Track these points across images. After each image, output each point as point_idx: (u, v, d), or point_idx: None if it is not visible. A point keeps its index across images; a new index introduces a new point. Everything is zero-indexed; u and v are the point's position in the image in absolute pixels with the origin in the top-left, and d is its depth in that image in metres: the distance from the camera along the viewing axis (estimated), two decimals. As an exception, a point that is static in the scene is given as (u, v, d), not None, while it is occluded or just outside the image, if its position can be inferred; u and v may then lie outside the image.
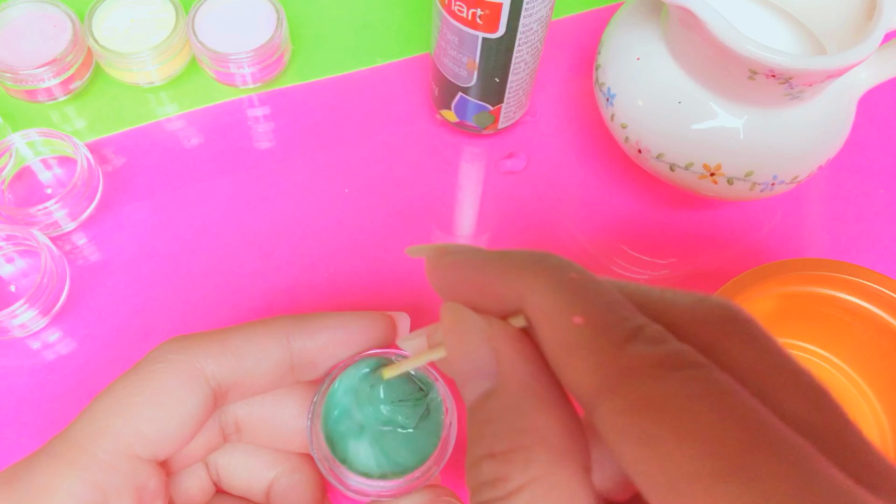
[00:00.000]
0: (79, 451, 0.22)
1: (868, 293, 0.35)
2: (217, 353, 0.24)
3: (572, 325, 0.16)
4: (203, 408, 0.23)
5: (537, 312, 0.17)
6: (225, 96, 0.45)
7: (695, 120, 0.35)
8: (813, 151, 0.36)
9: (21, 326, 0.37)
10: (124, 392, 0.23)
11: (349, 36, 0.48)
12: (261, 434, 0.26)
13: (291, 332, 0.25)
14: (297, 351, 0.25)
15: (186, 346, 0.24)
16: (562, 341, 0.16)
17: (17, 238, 0.38)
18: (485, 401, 0.17)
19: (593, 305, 0.16)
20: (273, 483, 0.27)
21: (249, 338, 0.24)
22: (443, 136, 0.44)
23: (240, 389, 0.24)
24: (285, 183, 0.42)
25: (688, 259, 0.42)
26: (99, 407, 0.23)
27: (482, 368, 0.18)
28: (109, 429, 0.22)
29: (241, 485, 0.27)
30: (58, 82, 0.42)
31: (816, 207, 0.44)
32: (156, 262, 0.40)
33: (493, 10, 0.34)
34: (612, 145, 0.43)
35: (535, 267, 0.18)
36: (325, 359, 0.25)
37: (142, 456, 0.23)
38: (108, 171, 0.42)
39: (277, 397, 0.26)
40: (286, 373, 0.25)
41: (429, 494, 0.24)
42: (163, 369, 0.23)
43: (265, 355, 0.24)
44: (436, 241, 0.41)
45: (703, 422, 0.14)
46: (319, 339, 0.25)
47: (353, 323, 0.25)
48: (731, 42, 0.31)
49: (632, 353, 0.15)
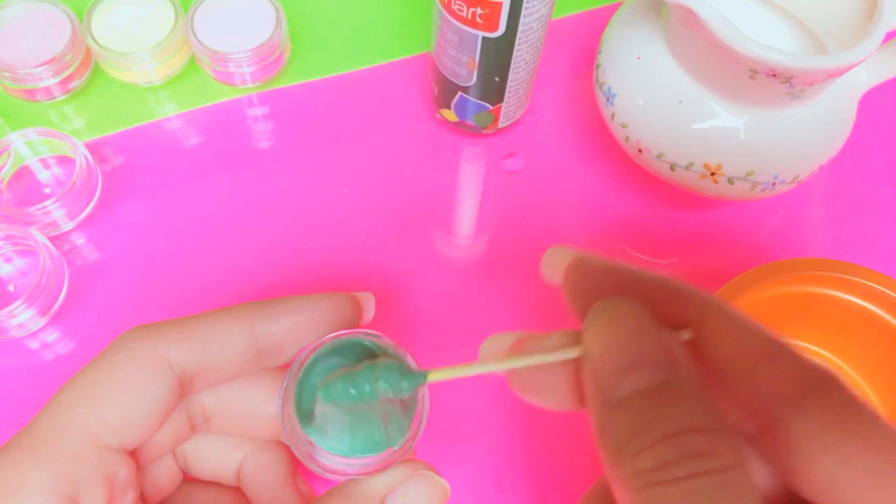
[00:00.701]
0: (45, 444, 0.22)
1: (868, 293, 0.35)
2: (180, 339, 0.23)
3: (763, 338, 0.18)
4: (169, 395, 0.23)
5: (723, 325, 0.18)
6: (224, 95, 0.45)
7: (695, 119, 0.35)
8: (813, 151, 0.36)
9: (19, 326, 0.37)
10: (87, 382, 0.22)
11: (349, 35, 0.47)
12: (230, 422, 0.26)
13: (255, 316, 0.24)
14: (262, 335, 0.24)
15: (149, 333, 0.23)
16: (754, 351, 0.18)
17: (15, 237, 0.38)
18: (662, 388, 0.17)
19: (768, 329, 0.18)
20: (242, 463, 0.27)
21: (213, 324, 0.24)
22: (442, 135, 0.44)
23: (206, 377, 0.24)
24: (285, 182, 0.42)
25: (688, 259, 0.42)
26: (63, 399, 0.22)
27: (655, 358, 0.18)
28: (75, 420, 0.22)
29: (211, 469, 0.27)
30: (56, 81, 0.42)
31: (817, 207, 0.44)
32: (154, 262, 0.40)
33: (493, 9, 0.34)
34: (612, 145, 0.42)
35: (705, 294, 0.19)
36: (291, 342, 0.25)
37: (110, 445, 0.22)
38: (106, 171, 0.42)
39: (245, 385, 0.26)
40: (252, 358, 0.24)
41: (407, 469, 0.24)
42: (126, 358, 0.23)
43: (230, 341, 0.24)
44: (435, 242, 0.41)
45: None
46: (284, 323, 0.25)
47: (317, 305, 0.25)
48: (731, 41, 0.31)
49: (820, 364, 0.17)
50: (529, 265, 0.41)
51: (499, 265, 0.41)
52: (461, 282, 0.40)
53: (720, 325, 0.18)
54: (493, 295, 0.40)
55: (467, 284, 0.40)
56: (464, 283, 0.40)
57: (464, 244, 0.42)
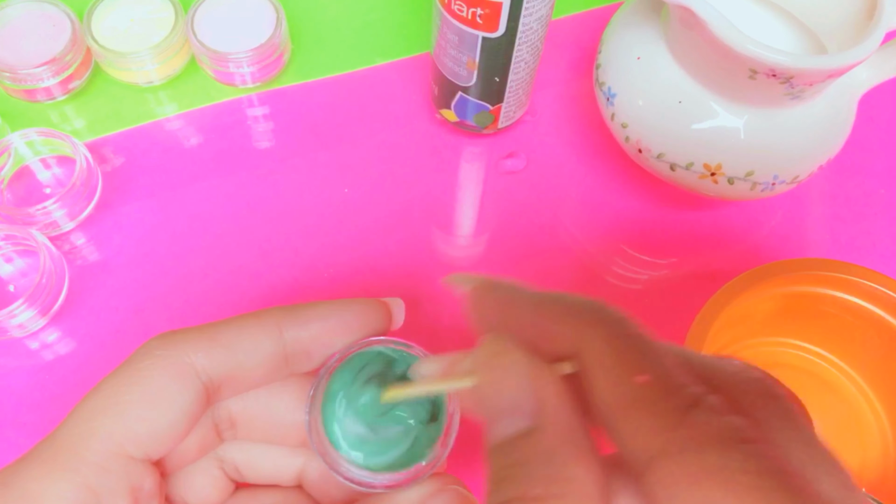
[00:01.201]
0: (68, 454, 0.21)
1: (868, 293, 0.35)
2: (207, 347, 0.23)
3: (634, 383, 0.16)
4: (195, 404, 0.23)
5: (596, 363, 0.17)
6: (224, 96, 0.45)
7: (695, 119, 0.35)
8: (813, 151, 0.36)
9: (20, 326, 0.37)
10: (113, 391, 0.22)
11: (349, 35, 0.47)
12: (257, 429, 0.25)
13: (283, 322, 0.24)
14: (290, 342, 0.24)
15: (175, 341, 0.23)
16: (621, 397, 0.16)
17: (15, 238, 0.38)
18: (522, 440, 0.17)
19: (655, 366, 0.17)
20: (304, 468, 0.26)
21: (240, 330, 0.24)
22: (443, 135, 0.44)
23: (233, 384, 0.24)
24: (285, 182, 0.42)
25: (688, 259, 0.42)
26: (87, 407, 0.22)
27: (523, 406, 0.18)
28: (99, 429, 0.21)
29: (269, 476, 0.26)
30: (57, 82, 0.42)
31: (817, 207, 0.44)
32: (155, 262, 0.40)
33: (493, 10, 0.34)
34: (612, 145, 0.43)
35: (594, 316, 0.18)
36: (319, 348, 0.24)
37: (134, 456, 0.22)
38: (107, 171, 0.42)
39: (272, 391, 0.25)
40: (280, 365, 0.24)
41: (435, 483, 0.24)
42: (152, 366, 0.22)
43: (257, 347, 0.23)
44: (435, 242, 0.41)
45: (764, 497, 0.14)
46: (312, 329, 0.24)
47: (346, 310, 0.25)
48: (731, 41, 0.31)
49: (694, 421, 0.15)
50: (529, 265, 0.41)
51: (499, 265, 0.41)
52: (461, 282, 0.40)
53: (595, 361, 0.17)
54: (494, 295, 0.40)
55: (467, 284, 0.40)
56: (464, 283, 0.40)
57: (464, 244, 0.42)
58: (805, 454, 0.16)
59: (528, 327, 0.19)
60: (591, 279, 0.41)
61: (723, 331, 0.35)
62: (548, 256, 0.41)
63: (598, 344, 0.17)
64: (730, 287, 0.34)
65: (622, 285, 0.41)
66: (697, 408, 0.16)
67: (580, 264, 0.41)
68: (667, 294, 0.41)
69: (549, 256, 0.41)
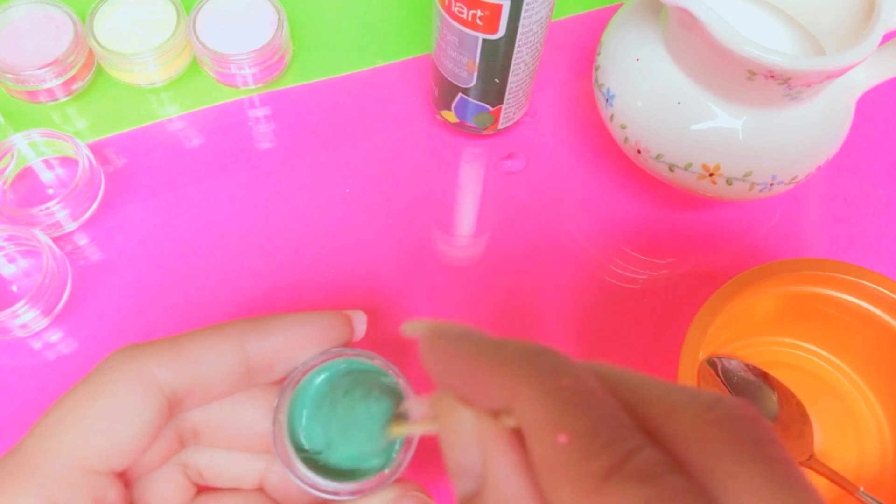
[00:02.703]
0: (31, 469, 0.21)
1: (867, 293, 0.35)
2: (170, 360, 0.23)
3: (556, 443, 0.15)
4: (158, 416, 0.23)
5: (524, 421, 0.17)
6: (226, 97, 0.45)
7: (694, 120, 0.36)
8: (812, 152, 0.36)
9: (23, 326, 0.37)
10: (75, 405, 0.22)
11: (350, 37, 0.48)
12: (219, 438, 0.26)
13: (246, 335, 0.24)
14: (252, 354, 0.24)
15: (137, 354, 0.23)
16: (544, 457, 0.16)
17: (18, 238, 0.38)
18: (469, 501, 0.17)
19: (582, 421, 0.16)
20: (266, 473, 0.26)
21: (203, 343, 0.24)
22: (443, 136, 0.44)
23: (196, 396, 0.24)
24: (286, 183, 0.42)
25: (687, 259, 0.42)
26: (50, 422, 0.22)
27: (469, 468, 0.18)
28: (62, 444, 0.22)
29: (231, 480, 0.27)
30: (59, 83, 0.42)
31: (815, 208, 0.44)
32: (157, 263, 0.40)
33: (493, 12, 0.34)
34: (611, 146, 0.43)
35: (525, 369, 0.17)
36: (282, 361, 0.24)
37: (98, 469, 0.22)
38: (109, 172, 0.42)
39: (235, 401, 0.25)
40: (243, 377, 0.24)
41: (397, 489, 0.24)
42: (115, 380, 0.22)
43: (220, 360, 0.24)
44: (436, 242, 0.41)
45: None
46: (275, 341, 0.24)
47: (309, 323, 0.25)
48: (729, 43, 0.31)
49: (612, 491, 0.14)
50: (529, 265, 0.41)
51: (499, 265, 0.41)
52: (461, 282, 0.40)
53: (524, 418, 0.17)
54: (493, 295, 0.40)
55: (467, 284, 0.40)
56: (464, 283, 0.40)
57: (464, 244, 0.42)
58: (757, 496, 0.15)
59: (469, 380, 0.18)
60: (590, 279, 0.41)
61: (721, 330, 0.35)
62: (547, 257, 0.41)
63: (526, 400, 0.16)
64: (728, 287, 0.34)
65: (621, 285, 0.41)
66: (620, 471, 0.15)
67: (580, 264, 0.41)
68: (666, 294, 0.41)
69: (549, 257, 0.41)
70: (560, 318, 0.40)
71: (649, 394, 0.17)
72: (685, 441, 0.15)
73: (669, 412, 0.16)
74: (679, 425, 0.16)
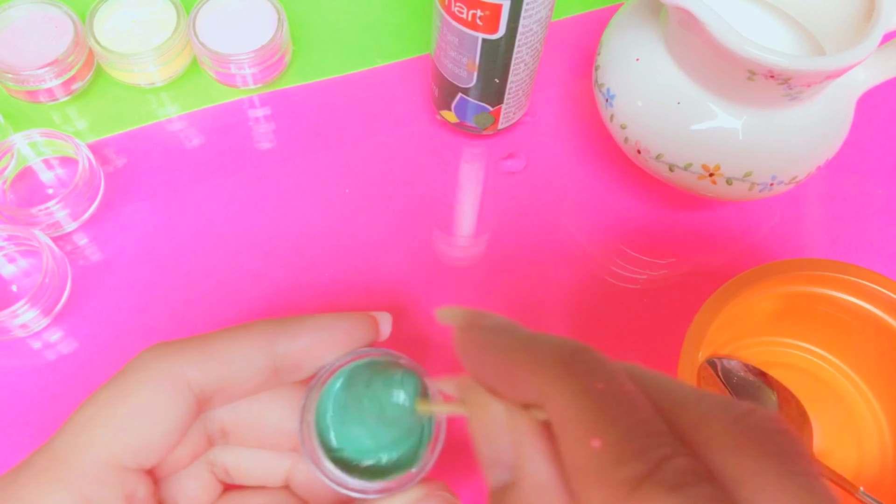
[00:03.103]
0: (63, 465, 0.22)
1: (867, 293, 0.35)
2: (199, 359, 0.23)
3: (589, 447, 0.15)
4: (187, 415, 0.23)
5: (556, 419, 0.17)
6: (226, 97, 0.45)
7: (694, 120, 0.36)
8: (812, 152, 0.36)
9: (22, 326, 0.37)
10: (106, 402, 0.23)
11: (350, 37, 0.48)
12: (247, 437, 0.26)
13: (274, 335, 0.24)
14: (280, 354, 0.24)
15: (168, 353, 0.23)
16: (576, 460, 0.16)
17: (18, 238, 0.38)
18: (503, 493, 0.18)
19: (615, 426, 0.16)
20: (292, 471, 0.27)
21: (232, 343, 0.24)
22: (443, 136, 0.44)
23: (224, 395, 0.24)
24: (286, 183, 0.42)
25: (687, 259, 0.42)
26: (82, 417, 0.22)
27: (503, 458, 0.18)
28: (94, 440, 0.22)
29: (257, 479, 0.27)
30: (59, 83, 0.42)
31: (815, 208, 0.44)
32: (157, 263, 0.40)
33: (492, 11, 0.34)
34: (611, 146, 0.43)
35: (560, 368, 0.17)
36: (309, 361, 0.25)
37: (128, 466, 0.22)
38: (109, 172, 0.42)
39: (262, 400, 0.26)
40: (270, 376, 0.25)
41: (423, 488, 0.24)
42: (146, 378, 0.23)
43: (248, 360, 0.24)
44: (436, 242, 0.41)
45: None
46: (303, 342, 0.25)
47: (336, 324, 0.25)
48: (729, 43, 0.31)
49: (641, 497, 0.14)
50: (529, 265, 0.41)
51: (499, 265, 0.41)
52: (461, 282, 0.40)
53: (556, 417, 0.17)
54: (493, 295, 0.40)
55: (467, 284, 0.40)
56: (464, 283, 0.40)
57: (464, 244, 0.42)
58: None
59: (502, 373, 0.19)
60: (590, 279, 0.41)
61: (721, 330, 0.35)
62: (547, 256, 0.41)
63: (560, 400, 0.16)
64: (728, 287, 0.34)
65: (621, 285, 0.41)
66: (652, 479, 0.15)
67: (580, 264, 0.41)
68: (666, 294, 0.41)
69: (549, 256, 0.41)
70: (560, 318, 0.40)
71: (682, 399, 0.17)
72: (716, 451, 0.15)
73: (701, 420, 0.16)
74: (710, 434, 0.16)
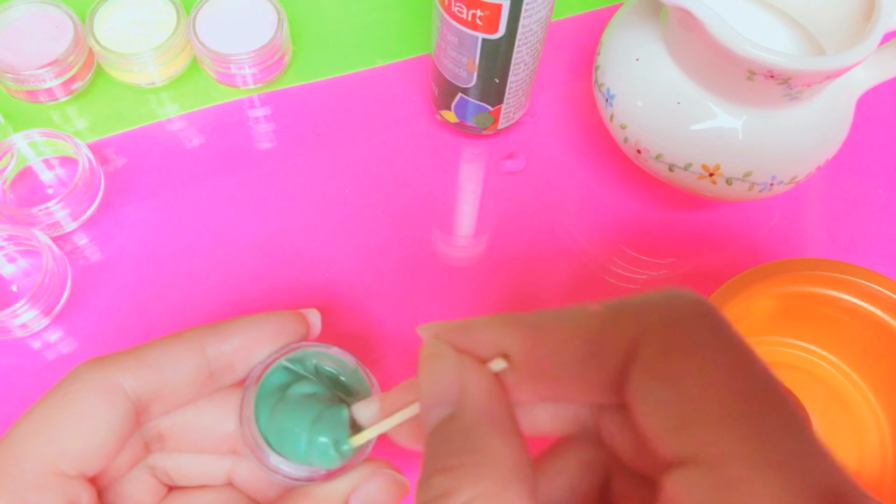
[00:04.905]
0: (4, 474, 0.22)
1: (867, 293, 0.35)
2: (133, 367, 0.24)
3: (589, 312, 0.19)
4: (125, 421, 0.24)
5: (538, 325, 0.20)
6: (226, 97, 0.45)
7: (694, 120, 0.36)
8: (811, 152, 0.36)
9: (22, 326, 0.37)
10: (43, 414, 0.23)
11: (349, 37, 0.48)
12: (184, 442, 0.26)
13: (204, 338, 0.25)
14: (213, 357, 0.25)
15: (102, 364, 0.24)
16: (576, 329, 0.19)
17: (18, 238, 0.38)
18: (445, 423, 0.19)
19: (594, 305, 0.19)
20: (234, 469, 0.27)
21: (164, 350, 0.25)
22: (443, 136, 0.44)
23: (162, 402, 0.25)
24: (286, 183, 0.42)
25: (687, 259, 0.42)
26: (19, 432, 0.23)
27: (446, 395, 0.20)
28: (33, 451, 0.22)
29: (200, 480, 0.27)
30: (59, 83, 0.42)
31: (815, 208, 0.44)
32: (157, 262, 0.40)
33: (492, 11, 0.34)
34: (611, 146, 0.43)
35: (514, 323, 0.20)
36: (241, 361, 0.25)
37: (69, 473, 0.23)
38: (109, 172, 0.42)
39: (198, 406, 0.26)
40: (206, 380, 0.25)
41: (368, 468, 0.25)
42: (81, 388, 0.23)
43: (182, 365, 0.24)
44: (435, 242, 0.41)
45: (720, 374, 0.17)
46: (233, 343, 0.25)
47: (265, 323, 0.26)
48: (729, 43, 0.31)
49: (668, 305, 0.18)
50: (529, 265, 0.41)
51: (499, 265, 0.41)
52: (461, 282, 0.40)
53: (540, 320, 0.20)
54: (493, 295, 0.40)
55: (467, 284, 0.40)
56: (464, 283, 0.40)
57: (464, 244, 0.42)
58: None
59: (459, 336, 0.21)
60: (590, 279, 0.41)
61: (721, 330, 0.35)
62: (547, 256, 0.41)
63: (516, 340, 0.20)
64: (728, 287, 0.34)
65: (621, 285, 0.41)
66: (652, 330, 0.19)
67: (579, 264, 0.41)
68: (666, 294, 0.41)
69: (549, 256, 0.41)
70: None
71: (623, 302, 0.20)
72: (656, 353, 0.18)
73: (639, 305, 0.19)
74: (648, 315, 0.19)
